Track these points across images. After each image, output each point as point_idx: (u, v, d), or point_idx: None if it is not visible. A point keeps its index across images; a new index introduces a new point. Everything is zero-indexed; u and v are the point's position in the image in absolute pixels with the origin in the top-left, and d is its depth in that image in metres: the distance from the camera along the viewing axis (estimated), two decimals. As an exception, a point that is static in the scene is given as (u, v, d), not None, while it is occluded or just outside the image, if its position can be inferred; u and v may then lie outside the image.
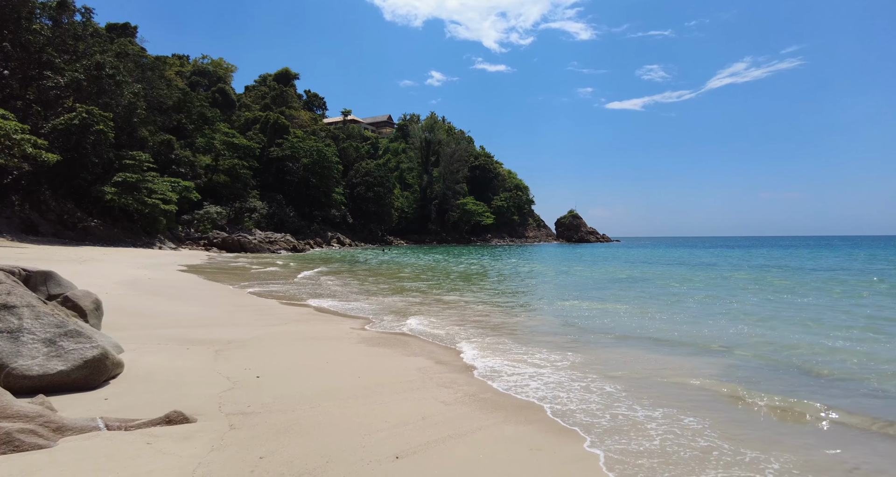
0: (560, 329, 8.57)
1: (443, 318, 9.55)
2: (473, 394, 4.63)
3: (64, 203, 35.24)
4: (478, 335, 7.81)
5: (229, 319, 8.40)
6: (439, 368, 5.63)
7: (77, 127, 33.07)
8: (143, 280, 14.58)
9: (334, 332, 7.80)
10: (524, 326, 9.00)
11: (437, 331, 8.18)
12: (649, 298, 13.19)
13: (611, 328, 8.53)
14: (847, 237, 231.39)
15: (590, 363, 5.97)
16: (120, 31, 64.85)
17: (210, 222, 47.81)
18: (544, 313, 10.54)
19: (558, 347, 6.93)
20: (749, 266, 26.67)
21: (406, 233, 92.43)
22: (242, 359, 5.49)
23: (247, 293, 13.51)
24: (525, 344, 7.18)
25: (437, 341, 7.38)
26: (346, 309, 10.70)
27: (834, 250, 52.13)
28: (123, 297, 10.30)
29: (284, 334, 7.26)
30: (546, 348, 6.82)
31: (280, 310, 10.15)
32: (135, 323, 7.19)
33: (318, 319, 9.07)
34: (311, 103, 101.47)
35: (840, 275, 20.61)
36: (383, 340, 7.23)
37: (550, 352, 6.56)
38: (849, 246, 71.42)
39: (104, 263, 20.27)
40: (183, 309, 9.21)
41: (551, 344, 7.21)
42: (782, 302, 12.11)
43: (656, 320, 9.34)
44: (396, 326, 8.69)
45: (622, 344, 7.28)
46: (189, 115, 53.60)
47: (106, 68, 36.72)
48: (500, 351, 6.63)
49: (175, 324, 7.51)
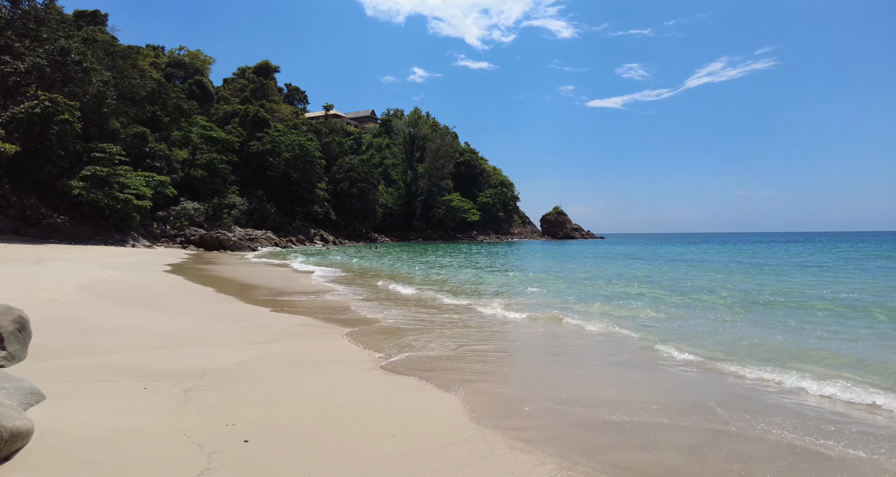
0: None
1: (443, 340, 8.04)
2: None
3: (26, 198, 32.74)
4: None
5: (207, 335, 6.76)
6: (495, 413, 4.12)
7: (39, 116, 30.62)
8: (107, 283, 12.75)
9: (339, 351, 6.22)
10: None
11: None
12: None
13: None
14: (819, 233, 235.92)
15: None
16: (89, 18, 61.73)
17: (187, 219, 45.47)
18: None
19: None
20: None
21: (391, 229, 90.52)
22: (223, 404, 3.90)
23: (228, 297, 11.80)
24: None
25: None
26: (345, 316, 9.11)
27: (823, 245, 51.87)
28: (77, 305, 8.55)
29: (278, 357, 5.66)
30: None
31: (269, 319, 8.52)
32: (80, 346, 5.52)
33: (315, 332, 7.47)
34: (293, 97, 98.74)
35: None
36: (404, 364, 5.67)
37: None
38: (834, 241, 71.69)
39: (66, 262, 18.28)
40: (149, 322, 7.52)
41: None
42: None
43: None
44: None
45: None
46: (164, 107, 50.93)
47: (71, 54, 34.22)
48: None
49: (135, 345, 5.85)
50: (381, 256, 34.63)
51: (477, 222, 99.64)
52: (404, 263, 26.19)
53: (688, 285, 14.98)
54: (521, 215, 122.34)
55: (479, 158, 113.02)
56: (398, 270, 21.58)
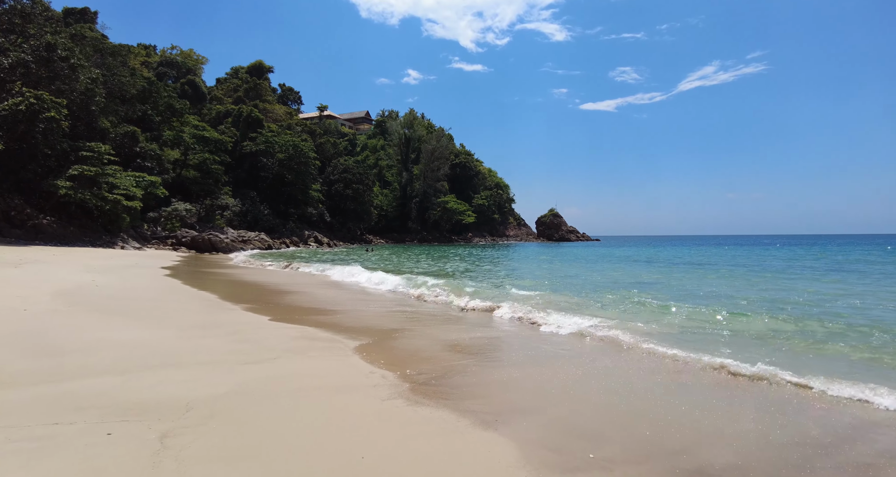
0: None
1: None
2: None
3: (10, 198, 31.56)
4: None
5: (193, 352, 5.85)
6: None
7: (24, 113, 29.51)
8: (89, 287, 11.79)
9: (349, 371, 5.34)
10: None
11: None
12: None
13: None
14: (808, 236, 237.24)
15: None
16: (78, 16, 60.53)
17: (178, 220, 44.30)
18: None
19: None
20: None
21: (386, 231, 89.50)
22: (210, 459, 3.01)
23: (220, 302, 10.88)
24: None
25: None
26: (348, 324, 8.23)
27: (823, 247, 51.45)
28: (48, 315, 7.62)
29: (276, 382, 4.77)
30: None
31: (265, 331, 7.61)
32: (37, 370, 4.61)
33: (317, 347, 6.58)
34: (286, 97, 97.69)
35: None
36: (426, 388, 4.81)
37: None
38: (833, 244, 71.49)
39: (49, 265, 17.27)
40: (127, 335, 6.60)
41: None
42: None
43: None
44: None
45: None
46: (155, 107, 49.74)
47: (58, 50, 33.09)
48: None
49: (106, 366, 4.94)
50: (383, 259, 33.71)
51: (472, 224, 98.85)
52: (412, 265, 25.30)
53: (740, 301, 12.28)
54: (516, 217, 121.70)
55: (474, 160, 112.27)
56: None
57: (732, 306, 10.69)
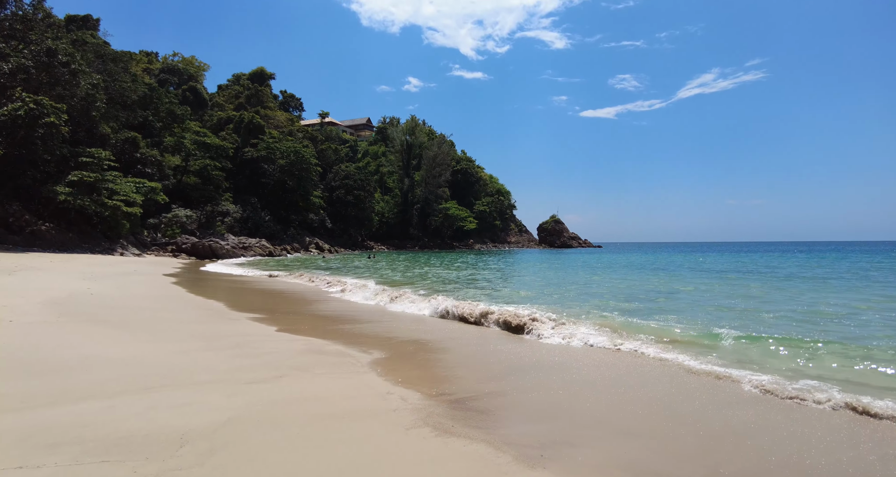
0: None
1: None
2: None
3: (9, 204, 31.07)
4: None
5: (191, 370, 5.29)
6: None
7: (23, 119, 29.07)
8: (82, 296, 11.23)
9: (364, 392, 4.77)
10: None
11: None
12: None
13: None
14: (810, 243, 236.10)
15: None
16: (80, 23, 60.35)
17: (179, 227, 43.79)
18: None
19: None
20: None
21: (387, 238, 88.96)
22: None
23: (221, 311, 10.32)
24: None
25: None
26: (363, 336, 7.66)
27: (839, 255, 50.79)
28: (35, 327, 7.07)
29: (283, 407, 4.21)
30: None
31: (269, 343, 7.06)
32: (11, 393, 4.05)
33: (327, 362, 6.02)
34: (288, 104, 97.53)
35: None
36: (455, 414, 4.24)
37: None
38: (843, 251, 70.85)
39: (44, 272, 16.72)
40: (118, 349, 6.04)
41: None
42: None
43: None
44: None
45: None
46: (156, 113, 49.43)
47: (59, 55, 32.73)
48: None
49: (91, 388, 4.38)
50: (391, 269, 33.10)
51: (473, 231, 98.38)
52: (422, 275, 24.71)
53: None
54: (517, 224, 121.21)
55: (475, 166, 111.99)
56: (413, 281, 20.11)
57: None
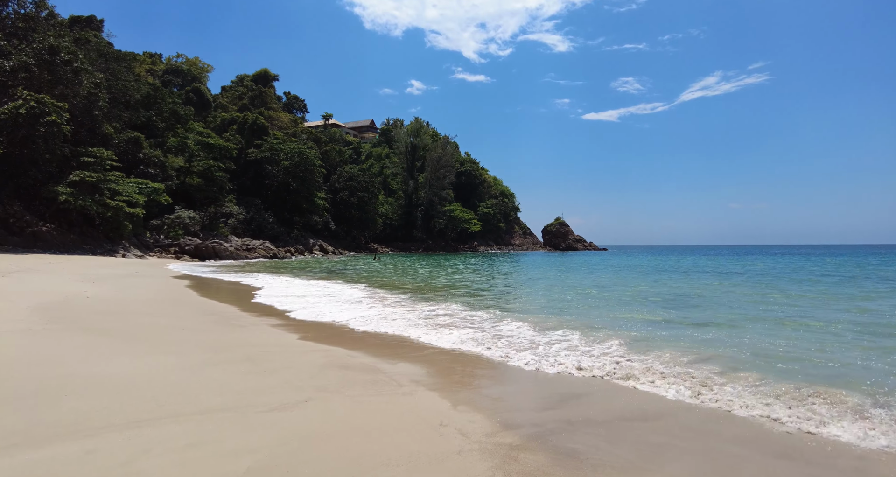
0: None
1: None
2: None
3: (9, 204, 30.64)
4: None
5: (195, 393, 4.60)
6: None
7: (24, 117, 28.66)
8: (77, 300, 10.70)
9: (412, 420, 4.12)
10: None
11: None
12: None
13: None
14: (813, 245, 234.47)
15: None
16: (84, 24, 60.15)
17: (182, 228, 43.36)
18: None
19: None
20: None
21: (391, 240, 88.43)
22: None
23: (231, 315, 9.77)
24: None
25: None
26: (389, 338, 7.12)
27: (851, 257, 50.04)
28: (16, 337, 6.49)
29: (318, 446, 3.52)
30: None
31: (286, 356, 6.39)
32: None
33: (359, 380, 5.33)
34: (291, 105, 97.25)
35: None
36: (534, 460, 3.46)
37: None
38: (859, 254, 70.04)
39: (41, 274, 16.24)
40: (111, 365, 5.44)
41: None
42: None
43: None
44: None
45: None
46: (160, 113, 49.04)
47: (61, 53, 32.34)
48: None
49: (68, 422, 3.70)
50: (404, 273, 32.46)
51: (478, 233, 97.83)
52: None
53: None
54: (521, 226, 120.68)
55: (479, 168, 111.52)
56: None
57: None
